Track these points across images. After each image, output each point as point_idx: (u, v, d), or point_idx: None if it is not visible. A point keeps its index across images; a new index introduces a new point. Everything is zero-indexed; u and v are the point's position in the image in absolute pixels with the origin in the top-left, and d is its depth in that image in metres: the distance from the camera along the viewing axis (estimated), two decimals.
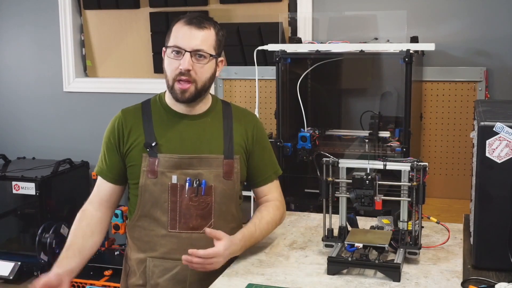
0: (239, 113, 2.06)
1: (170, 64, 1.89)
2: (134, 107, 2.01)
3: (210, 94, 2.03)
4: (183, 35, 1.88)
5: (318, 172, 2.76)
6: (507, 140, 1.65)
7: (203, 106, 1.99)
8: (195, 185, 1.91)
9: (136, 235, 1.98)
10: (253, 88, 3.33)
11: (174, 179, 1.90)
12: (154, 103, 2.01)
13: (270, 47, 2.99)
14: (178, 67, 1.87)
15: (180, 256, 1.84)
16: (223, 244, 1.81)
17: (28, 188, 3.64)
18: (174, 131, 1.95)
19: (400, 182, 1.80)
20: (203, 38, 1.89)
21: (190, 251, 1.76)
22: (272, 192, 2.07)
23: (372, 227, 1.99)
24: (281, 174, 2.13)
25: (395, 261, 1.73)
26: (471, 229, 1.83)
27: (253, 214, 2.02)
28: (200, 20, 1.90)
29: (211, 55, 1.90)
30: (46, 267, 3.61)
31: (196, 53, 1.88)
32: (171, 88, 1.92)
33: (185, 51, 1.87)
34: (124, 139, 1.95)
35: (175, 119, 1.97)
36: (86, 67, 4.14)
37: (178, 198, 1.91)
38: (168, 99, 1.99)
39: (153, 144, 1.91)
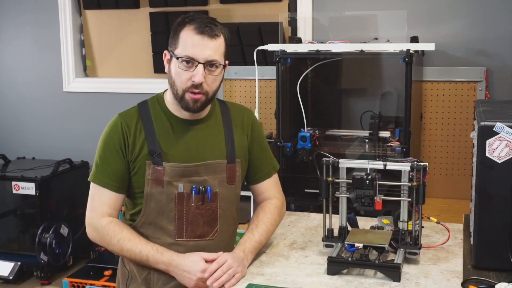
0: (237, 112, 2.01)
1: (181, 74, 1.80)
2: (131, 111, 1.91)
3: None
4: (195, 45, 1.78)
5: (318, 172, 2.75)
6: (507, 140, 1.65)
7: (205, 110, 1.93)
8: (200, 192, 1.87)
9: None
10: (253, 88, 3.32)
11: (181, 187, 1.86)
12: (153, 106, 1.91)
13: (270, 47, 2.99)
14: (190, 79, 1.79)
15: None
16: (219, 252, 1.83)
17: (28, 188, 3.64)
18: (178, 138, 1.89)
19: (400, 182, 1.80)
20: (215, 48, 1.80)
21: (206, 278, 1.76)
22: (270, 189, 2.04)
23: (372, 227, 1.98)
24: (279, 168, 2.10)
25: (395, 261, 1.73)
26: (471, 229, 1.83)
27: (250, 220, 2.00)
28: (212, 28, 1.79)
29: (222, 65, 1.84)
30: (46, 267, 3.61)
31: (209, 64, 1.79)
32: (180, 98, 1.82)
33: (199, 62, 1.78)
34: (130, 146, 1.85)
35: (178, 125, 1.90)
36: (86, 67, 4.14)
37: (185, 206, 1.87)
38: (170, 104, 1.91)
39: (158, 152, 1.84)
